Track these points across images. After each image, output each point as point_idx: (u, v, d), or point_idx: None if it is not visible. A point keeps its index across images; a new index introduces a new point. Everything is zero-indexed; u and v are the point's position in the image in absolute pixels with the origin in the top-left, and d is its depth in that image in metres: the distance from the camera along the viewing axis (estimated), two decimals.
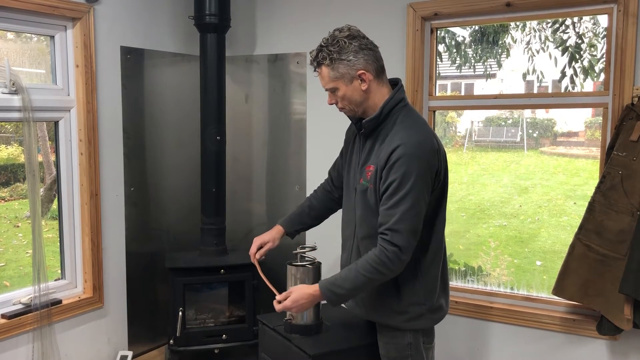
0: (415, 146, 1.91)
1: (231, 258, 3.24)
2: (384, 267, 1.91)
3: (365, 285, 1.98)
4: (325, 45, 1.98)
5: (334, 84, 2.00)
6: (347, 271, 1.99)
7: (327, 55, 1.97)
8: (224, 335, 3.16)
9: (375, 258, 1.91)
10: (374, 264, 1.91)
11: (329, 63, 1.97)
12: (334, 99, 2.06)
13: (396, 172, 1.90)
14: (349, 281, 1.96)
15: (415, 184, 1.89)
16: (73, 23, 2.86)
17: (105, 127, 3.04)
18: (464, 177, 4.80)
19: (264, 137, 3.62)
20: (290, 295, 2.04)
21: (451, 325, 2.98)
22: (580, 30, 3.07)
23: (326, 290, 1.99)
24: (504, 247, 4.83)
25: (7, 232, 3.56)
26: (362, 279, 1.94)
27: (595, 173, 2.69)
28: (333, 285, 1.98)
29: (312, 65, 2.04)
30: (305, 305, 2.04)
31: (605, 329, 2.57)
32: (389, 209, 1.91)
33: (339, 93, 2.01)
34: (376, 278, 1.94)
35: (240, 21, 3.54)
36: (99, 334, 3.10)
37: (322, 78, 2.02)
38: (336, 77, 1.98)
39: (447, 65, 3.46)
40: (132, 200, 3.22)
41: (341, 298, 2.00)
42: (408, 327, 2.07)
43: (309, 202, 2.42)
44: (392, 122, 2.01)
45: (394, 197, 1.90)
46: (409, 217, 1.89)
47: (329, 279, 2.02)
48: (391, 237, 1.89)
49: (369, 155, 2.04)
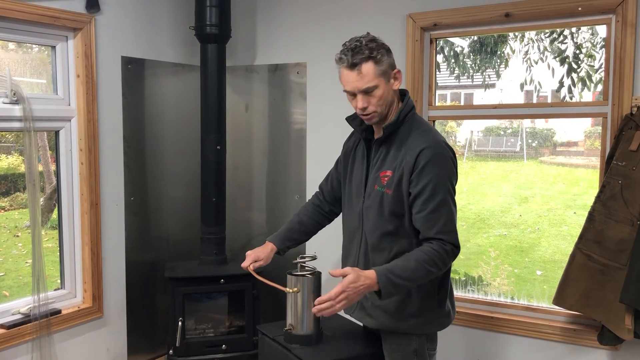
0: (441, 147, 1.96)
1: (231, 268, 3.24)
2: (442, 261, 1.90)
3: (422, 279, 1.90)
4: (362, 44, 1.92)
5: (377, 81, 1.93)
6: (403, 261, 1.90)
7: (372, 50, 1.91)
8: (223, 345, 3.14)
9: (436, 253, 1.89)
10: (435, 258, 1.88)
11: (378, 57, 1.91)
12: (366, 102, 1.95)
13: (429, 175, 1.91)
14: (408, 271, 1.86)
15: (449, 184, 1.94)
16: (74, 33, 2.87)
17: (106, 137, 3.04)
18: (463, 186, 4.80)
19: (264, 146, 3.62)
20: (346, 278, 1.83)
21: (451, 335, 2.96)
22: (578, 40, 3.08)
23: (383, 276, 1.84)
24: (504, 256, 4.83)
25: (7, 241, 3.56)
26: (422, 271, 1.87)
27: (595, 182, 2.70)
28: (390, 273, 1.85)
29: (352, 65, 1.91)
30: (362, 289, 1.83)
31: (606, 339, 2.56)
32: (432, 213, 1.91)
33: (378, 92, 1.94)
34: (434, 272, 1.90)
35: (241, 31, 3.56)
36: (99, 344, 3.09)
37: (365, 76, 1.91)
38: (380, 73, 1.93)
39: (446, 75, 3.48)
40: (132, 209, 3.22)
41: (396, 288, 1.87)
42: (419, 332, 2.07)
43: (298, 218, 2.37)
44: (407, 128, 2.01)
45: (434, 199, 1.91)
46: (452, 216, 1.94)
47: (386, 266, 1.89)
48: (447, 238, 1.91)
49: (384, 161, 2.03)
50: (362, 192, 2.10)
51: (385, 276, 1.85)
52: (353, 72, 1.93)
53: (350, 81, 1.95)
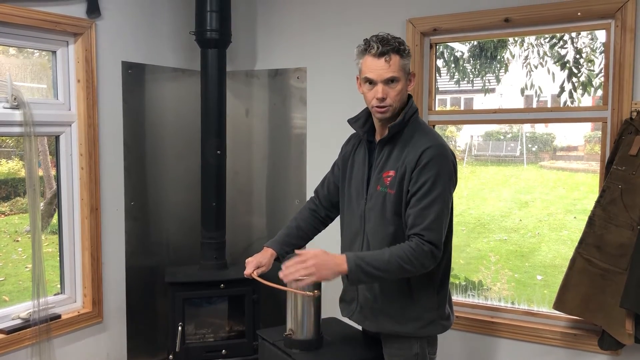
0: (444, 148, 1.98)
1: (231, 272, 3.23)
2: (418, 261, 1.89)
3: (393, 273, 1.91)
4: (391, 37, 1.99)
5: (400, 74, 1.98)
6: (378, 252, 1.93)
7: (401, 45, 1.98)
8: (223, 350, 3.14)
9: (413, 251, 1.89)
10: (411, 256, 1.88)
11: (406, 53, 1.99)
12: (386, 93, 1.98)
13: (429, 172, 1.93)
14: (380, 262, 1.88)
15: (446, 185, 1.94)
16: (75, 38, 2.88)
17: (106, 142, 3.05)
18: (464, 191, 4.80)
19: (264, 151, 3.63)
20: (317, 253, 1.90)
21: (452, 340, 2.96)
22: (578, 45, 3.09)
23: (353, 262, 1.88)
24: (504, 261, 4.82)
25: (7, 246, 3.55)
26: (395, 264, 1.88)
27: (595, 187, 2.70)
28: (361, 260, 1.89)
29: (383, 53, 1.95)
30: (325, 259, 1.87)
31: (606, 343, 2.56)
32: (423, 210, 1.92)
33: (398, 86, 1.99)
34: (408, 269, 1.90)
35: (241, 37, 3.57)
36: (98, 349, 3.08)
37: (392, 65, 1.96)
38: (403, 68, 1.98)
39: (446, 80, 3.48)
40: (132, 214, 3.22)
41: (365, 276, 1.89)
42: (420, 334, 2.07)
43: (296, 223, 2.37)
44: (411, 129, 2.04)
45: (428, 197, 1.92)
46: (442, 217, 1.93)
47: (357, 253, 1.94)
48: (429, 236, 1.90)
49: (386, 161, 2.05)
50: (364, 194, 2.10)
51: (354, 261, 1.88)
52: (380, 60, 1.96)
53: (375, 68, 1.97)
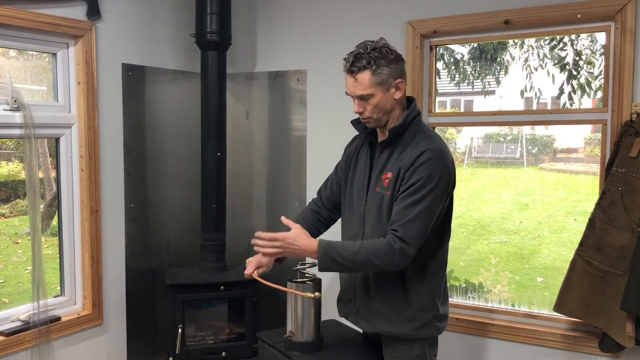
0: (441, 152, 1.98)
1: (231, 274, 3.23)
2: (387, 257, 1.91)
3: (361, 265, 1.96)
4: (366, 51, 1.96)
5: (372, 90, 1.97)
6: (349, 243, 1.98)
7: (372, 60, 1.95)
8: (223, 352, 3.13)
9: (383, 247, 1.92)
10: (380, 251, 1.91)
11: (375, 68, 1.95)
12: (362, 107, 2.01)
13: (420, 173, 1.93)
14: (349, 252, 1.94)
15: (436, 188, 1.93)
16: (75, 40, 2.88)
17: (106, 144, 3.05)
18: (464, 193, 4.80)
19: (264, 153, 3.63)
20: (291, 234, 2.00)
21: (452, 342, 2.96)
22: (578, 47, 3.09)
23: (323, 250, 1.95)
24: (504, 263, 4.82)
25: (7, 248, 3.56)
26: (363, 257, 1.92)
27: (595, 189, 2.70)
28: (331, 249, 1.95)
29: (350, 72, 1.99)
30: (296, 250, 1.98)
31: (607, 346, 2.55)
32: (405, 208, 1.93)
33: (373, 100, 1.99)
34: (376, 264, 1.93)
35: (241, 39, 3.57)
36: (98, 351, 3.08)
37: (360, 84, 1.97)
38: (377, 83, 1.97)
39: (446, 82, 3.48)
40: (132, 216, 3.22)
41: (333, 264, 1.96)
42: (417, 336, 2.07)
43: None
44: (412, 132, 2.04)
45: (413, 196, 1.93)
46: (423, 217, 1.93)
47: (329, 241, 1.99)
48: (402, 233, 1.91)
49: (386, 163, 2.05)
50: (364, 195, 2.11)
51: (324, 249, 1.96)
52: (351, 77, 2.00)
53: (348, 85, 2.03)
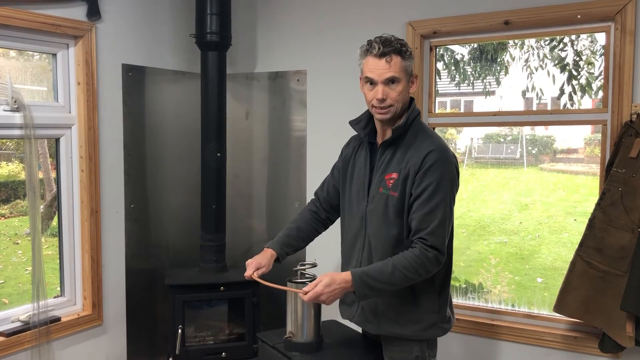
0: (446, 151, 1.99)
1: (231, 275, 3.23)
2: (423, 268, 1.91)
3: (399, 284, 1.93)
4: (394, 38, 1.98)
5: (401, 75, 1.98)
6: (381, 265, 1.94)
7: (402, 47, 1.97)
8: (223, 353, 3.13)
9: (417, 258, 1.91)
10: (415, 264, 1.90)
11: (407, 55, 1.98)
12: (386, 93, 1.98)
13: (432, 176, 1.93)
14: (384, 275, 1.91)
15: (449, 189, 1.95)
16: (75, 41, 2.88)
17: (106, 144, 3.05)
18: (464, 193, 4.80)
19: (264, 153, 3.63)
20: (322, 280, 1.93)
21: (452, 343, 2.96)
22: (578, 48, 3.09)
23: (359, 279, 1.91)
24: (504, 264, 4.82)
25: (7, 249, 3.56)
26: (399, 276, 1.91)
27: (595, 189, 2.70)
28: (366, 276, 1.92)
29: (383, 54, 1.96)
30: (337, 292, 1.92)
31: (607, 346, 2.55)
32: (427, 215, 1.93)
33: (399, 87, 1.99)
34: (413, 278, 1.92)
35: (241, 39, 3.57)
36: (98, 351, 3.08)
37: (393, 65, 1.96)
38: (404, 69, 1.98)
39: (447, 83, 3.49)
40: (132, 217, 3.22)
41: (372, 291, 1.93)
42: (421, 337, 2.07)
43: (296, 225, 2.37)
44: (413, 132, 2.05)
45: (431, 201, 1.93)
46: (445, 221, 1.94)
47: (362, 269, 1.96)
48: (432, 241, 1.91)
49: (389, 163, 2.05)
50: (365, 196, 2.11)
51: (360, 278, 1.91)
52: (381, 60, 1.97)
53: (376, 68, 1.98)
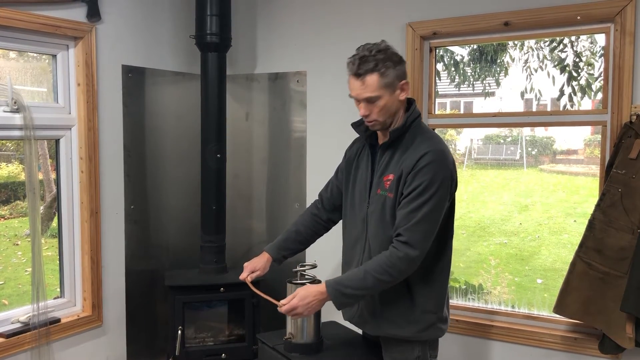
0: (442, 154, 1.98)
1: (231, 276, 3.23)
2: (394, 269, 1.92)
3: (373, 287, 1.95)
4: (371, 54, 1.95)
5: (380, 92, 1.96)
6: (355, 271, 1.98)
7: (379, 62, 1.94)
8: (223, 354, 3.13)
9: (387, 260, 1.92)
10: (385, 266, 1.92)
11: (383, 71, 1.95)
12: (368, 110, 2.00)
13: (423, 177, 1.93)
14: (356, 281, 1.94)
15: (438, 190, 1.93)
16: (75, 42, 2.88)
17: (106, 145, 3.05)
18: (464, 194, 4.80)
19: (264, 154, 3.63)
20: (298, 294, 1.99)
21: (452, 344, 2.96)
22: (578, 49, 3.09)
23: (332, 289, 1.95)
24: (504, 265, 4.82)
25: (7, 250, 3.56)
26: (371, 280, 1.93)
27: (595, 190, 2.70)
28: (340, 285, 1.96)
29: (357, 75, 1.97)
30: (313, 304, 1.97)
31: (607, 347, 2.55)
32: (410, 212, 1.93)
33: (380, 103, 1.98)
34: (386, 280, 1.93)
35: (241, 40, 3.57)
36: (98, 352, 3.07)
37: (368, 86, 1.96)
38: (384, 85, 1.96)
39: (446, 84, 3.49)
40: (132, 218, 3.22)
41: (348, 298, 1.97)
42: (421, 338, 2.07)
43: (295, 228, 2.40)
44: (412, 134, 2.04)
45: (417, 200, 1.93)
46: (427, 220, 1.93)
47: (335, 279, 2.00)
48: (407, 237, 1.91)
49: (387, 165, 2.05)
50: (367, 198, 2.11)
51: (333, 288, 1.95)
52: (358, 80, 1.98)
53: (354, 88, 2.01)
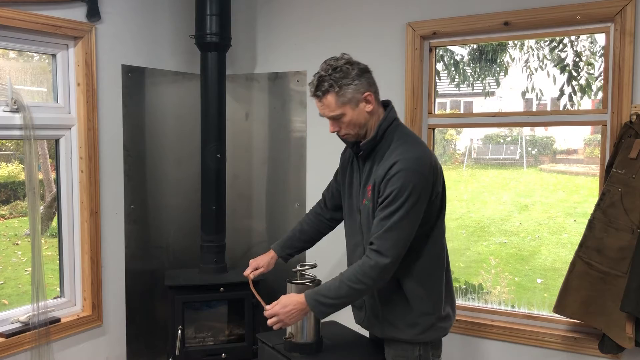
0: (412, 161, 1.96)
1: (231, 276, 3.23)
2: (367, 277, 1.94)
3: (349, 296, 1.98)
4: (327, 73, 1.98)
5: (341, 110, 1.99)
6: (333, 281, 2.01)
7: (333, 82, 1.97)
8: (223, 354, 3.13)
9: (359, 269, 1.95)
10: (357, 274, 1.95)
11: (337, 90, 1.97)
12: (337, 127, 2.05)
13: (393, 185, 1.93)
14: (333, 290, 1.98)
15: (411, 197, 1.92)
16: (75, 42, 2.88)
17: (106, 145, 3.05)
18: (463, 194, 4.80)
19: (264, 154, 3.63)
20: (280, 301, 2.05)
21: (452, 344, 2.96)
22: (578, 48, 3.09)
23: (311, 299, 2.00)
24: (504, 264, 4.82)
25: (7, 249, 3.55)
26: (345, 288, 1.96)
27: (595, 190, 2.70)
28: (317, 295, 2.00)
29: (316, 96, 2.02)
30: (294, 313, 2.02)
31: (607, 347, 2.55)
32: (381, 220, 1.95)
33: (345, 119, 2.01)
34: (360, 288, 1.96)
35: (241, 40, 3.57)
36: (98, 352, 3.07)
37: (327, 106, 2.00)
38: (343, 103, 1.99)
39: (446, 84, 3.48)
40: (132, 217, 3.22)
41: (327, 307, 2.00)
42: (422, 340, 2.08)
43: (300, 227, 2.45)
44: (388, 141, 2.04)
45: (388, 208, 1.93)
46: (399, 227, 1.93)
47: (314, 289, 2.04)
48: (378, 245, 1.93)
49: (368, 175, 2.07)
50: (358, 208, 2.13)
51: (311, 298, 2.00)
52: (318, 102, 2.03)
53: (318, 107, 2.06)
